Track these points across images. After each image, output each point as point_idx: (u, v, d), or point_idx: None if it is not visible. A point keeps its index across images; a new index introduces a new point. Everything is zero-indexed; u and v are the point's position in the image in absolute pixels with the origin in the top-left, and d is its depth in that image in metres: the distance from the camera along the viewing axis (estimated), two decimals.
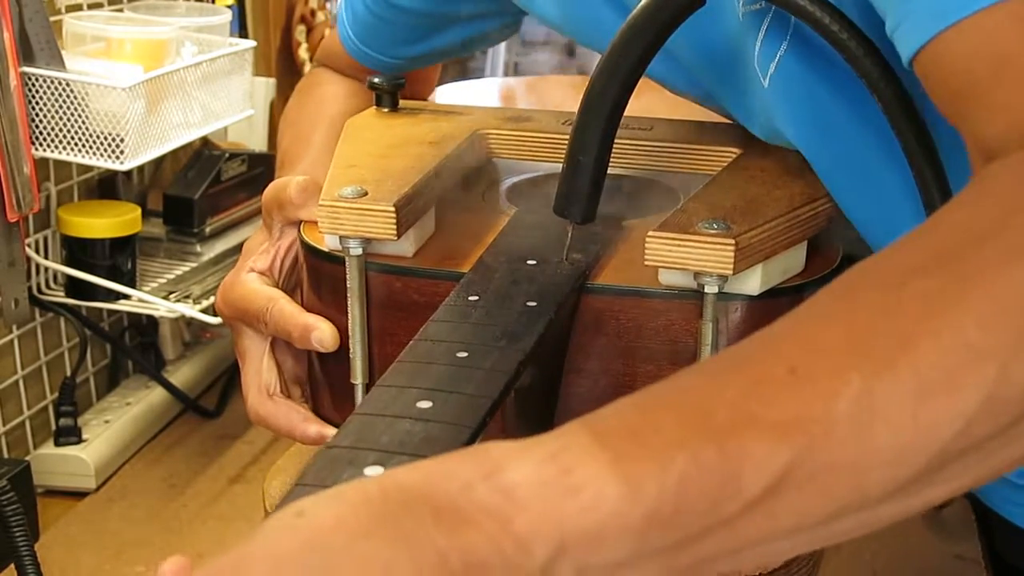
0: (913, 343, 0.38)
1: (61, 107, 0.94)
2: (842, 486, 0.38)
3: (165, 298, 1.05)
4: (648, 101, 0.75)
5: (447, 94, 1.18)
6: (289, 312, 0.69)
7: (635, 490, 0.36)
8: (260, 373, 0.73)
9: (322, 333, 0.68)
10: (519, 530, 0.35)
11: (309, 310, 0.71)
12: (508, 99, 1.35)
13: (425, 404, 0.49)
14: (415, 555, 0.34)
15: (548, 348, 0.61)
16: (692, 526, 0.37)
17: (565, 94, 1.15)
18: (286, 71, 1.45)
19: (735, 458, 0.37)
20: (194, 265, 1.12)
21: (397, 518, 0.35)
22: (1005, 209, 0.41)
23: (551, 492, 0.36)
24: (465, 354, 0.54)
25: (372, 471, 0.43)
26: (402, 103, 0.84)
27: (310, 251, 0.70)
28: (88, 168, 1.05)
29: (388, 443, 0.46)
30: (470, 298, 0.61)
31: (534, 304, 0.60)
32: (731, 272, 0.59)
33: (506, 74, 2.23)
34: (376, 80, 0.83)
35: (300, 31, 1.47)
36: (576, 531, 0.36)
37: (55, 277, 1.03)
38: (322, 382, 0.72)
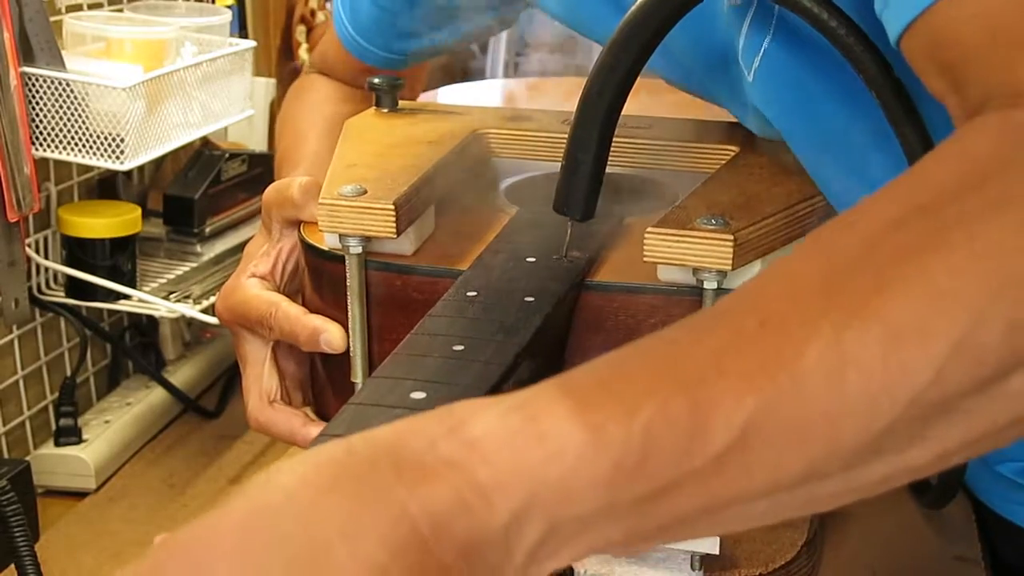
0: (884, 290, 0.37)
1: (61, 107, 0.94)
2: (815, 437, 0.37)
3: (165, 298, 1.05)
4: (640, 104, 0.75)
5: (449, 95, 1.19)
6: (294, 315, 0.70)
7: (600, 437, 0.36)
8: (260, 379, 0.73)
9: (331, 335, 0.68)
10: (483, 481, 0.35)
11: (310, 310, 0.71)
12: (509, 101, 1.35)
13: (419, 395, 0.49)
14: (377, 509, 0.34)
15: (547, 344, 0.61)
16: (661, 477, 0.36)
17: (566, 95, 1.15)
18: (286, 71, 1.45)
19: (703, 407, 0.37)
20: (194, 265, 1.12)
21: (360, 474, 0.35)
22: (983, 165, 0.41)
23: (515, 442, 0.36)
24: (461, 347, 0.55)
25: None
26: (401, 103, 0.84)
27: (310, 250, 0.70)
28: (88, 168, 1.05)
29: None
30: (468, 293, 0.61)
31: (532, 299, 0.60)
32: (730, 268, 0.59)
33: (506, 74, 2.23)
34: (375, 81, 0.83)
35: (300, 31, 1.47)
36: (542, 481, 0.36)
37: (55, 277, 1.03)
38: (325, 382, 0.72)
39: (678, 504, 0.37)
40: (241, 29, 1.33)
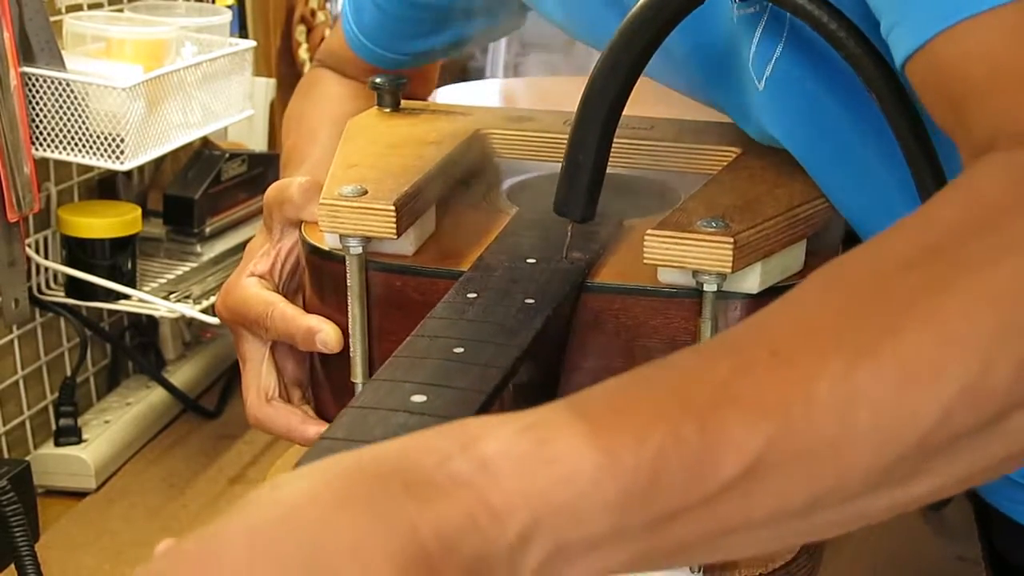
0: (897, 331, 0.38)
1: (61, 107, 0.94)
2: (822, 470, 0.38)
3: (165, 298, 1.05)
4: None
5: (448, 95, 1.18)
6: (290, 315, 0.70)
7: (611, 462, 0.36)
8: (259, 377, 0.73)
9: (326, 335, 0.68)
10: (493, 501, 0.35)
11: (310, 310, 0.71)
12: (509, 100, 1.35)
13: (419, 398, 0.49)
14: (386, 526, 0.34)
15: (547, 346, 0.61)
16: (670, 503, 0.37)
17: (566, 94, 1.15)
18: (286, 71, 1.45)
19: (713, 435, 0.37)
20: (194, 265, 1.12)
21: (370, 490, 0.35)
22: (992, 207, 0.42)
23: (527, 463, 0.36)
24: (461, 349, 0.55)
25: None
26: (403, 103, 0.84)
27: (311, 250, 0.70)
28: (88, 168, 1.05)
29: (381, 436, 0.46)
30: (468, 295, 0.61)
31: (532, 301, 0.60)
32: (730, 270, 0.59)
33: (506, 74, 2.23)
34: (378, 80, 0.83)
35: (300, 31, 1.47)
36: (552, 504, 0.36)
37: (55, 277, 1.03)
38: (324, 382, 0.72)
39: (685, 529, 0.38)
40: (241, 29, 1.33)
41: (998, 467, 0.40)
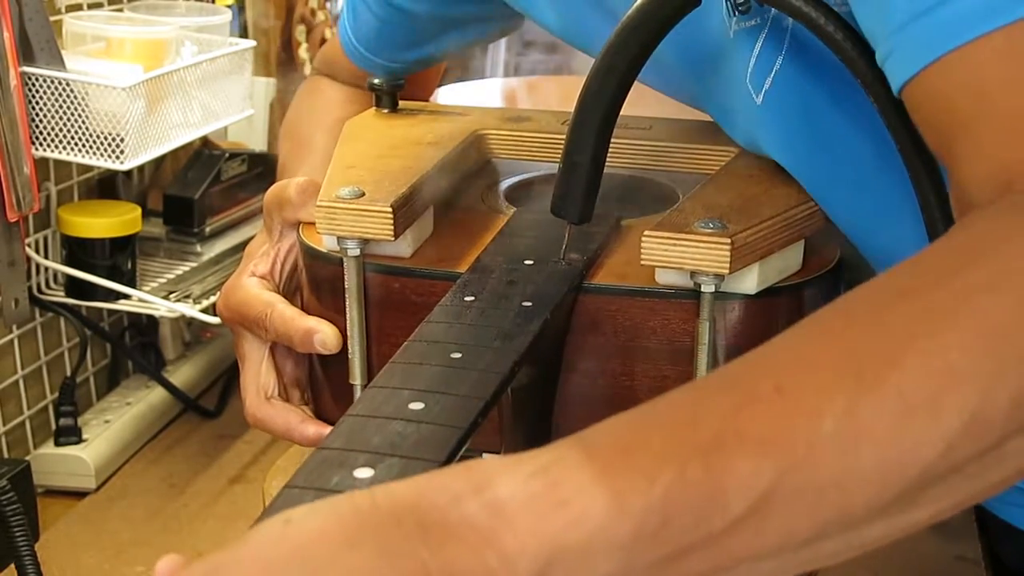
0: (898, 363, 0.39)
1: (61, 107, 0.95)
2: (827, 504, 0.38)
3: (165, 298, 1.05)
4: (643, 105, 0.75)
5: (448, 95, 1.19)
6: (289, 316, 0.70)
7: (622, 504, 0.36)
8: (259, 376, 0.73)
9: (324, 336, 0.68)
10: (506, 545, 0.35)
11: (308, 311, 0.71)
12: (509, 100, 1.35)
13: (417, 405, 0.49)
14: (398, 567, 0.34)
15: (545, 348, 0.61)
16: (678, 542, 0.37)
17: (566, 94, 1.15)
18: (286, 71, 1.45)
19: (720, 474, 0.37)
20: (194, 265, 1.12)
21: (383, 530, 0.35)
22: (987, 242, 0.43)
23: (539, 506, 0.36)
24: (459, 355, 0.54)
25: (362, 473, 0.43)
26: (401, 104, 0.84)
27: (308, 252, 0.70)
28: (88, 168, 1.05)
29: (379, 445, 0.46)
30: (466, 299, 0.61)
31: (530, 304, 0.60)
32: (727, 271, 0.59)
33: (506, 74, 2.23)
34: (376, 81, 0.83)
35: (300, 31, 1.47)
36: (563, 546, 0.36)
37: (55, 277, 1.03)
38: (323, 383, 0.72)
39: (692, 566, 0.38)
40: (241, 29, 1.33)
41: (995, 489, 0.41)
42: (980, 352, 0.39)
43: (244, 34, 1.34)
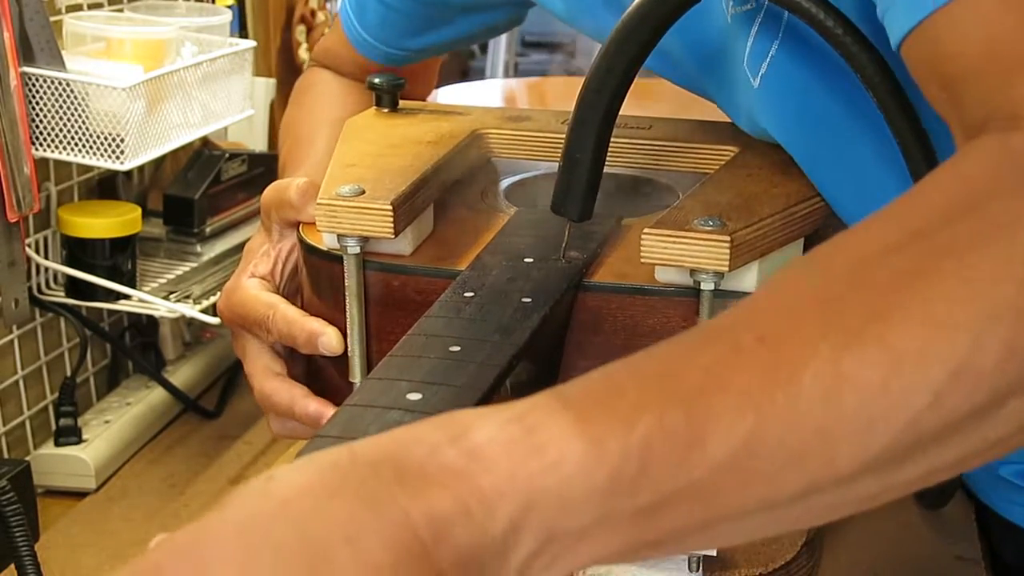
0: (883, 315, 0.38)
1: (61, 107, 0.95)
2: (811, 454, 0.38)
3: (165, 298, 1.05)
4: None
5: (449, 95, 1.19)
6: (292, 318, 0.70)
7: (598, 449, 0.36)
8: (264, 357, 0.73)
9: (328, 338, 0.68)
10: (484, 488, 0.35)
11: (308, 310, 0.71)
12: (509, 100, 1.35)
13: (415, 396, 0.49)
14: (379, 515, 0.35)
15: (544, 345, 0.61)
16: (658, 489, 0.37)
17: (566, 94, 1.15)
18: (286, 71, 1.45)
19: (700, 421, 0.37)
20: (194, 265, 1.12)
21: (363, 480, 0.35)
22: (975, 190, 0.42)
23: (515, 451, 0.36)
24: (457, 348, 0.55)
25: None
26: (402, 103, 0.84)
27: (309, 250, 0.70)
28: (88, 168, 1.05)
29: (376, 433, 0.46)
30: (465, 294, 0.61)
31: (529, 300, 0.60)
32: (727, 269, 0.59)
33: (506, 74, 2.24)
34: (376, 80, 0.83)
35: (300, 31, 1.47)
36: (540, 490, 0.36)
37: (55, 277, 1.03)
38: (323, 382, 0.72)
39: (675, 517, 0.38)
40: (241, 29, 1.33)
41: (991, 451, 0.41)
42: (967, 304, 0.38)
43: (244, 34, 1.34)
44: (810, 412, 0.37)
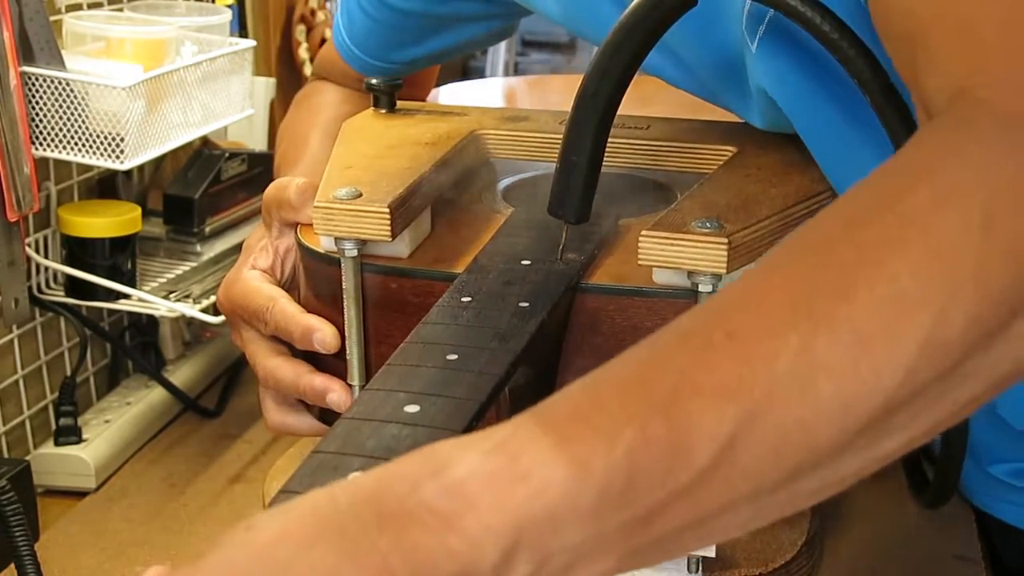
0: (849, 296, 0.38)
1: (61, 107, 0.95)
2: (793, 444, 0.38)
3: (165, 298, 1.05)
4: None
5: (448, 94, 1.18)
6: (290, 312, 0.70)
7: (582, 469, 0.36)
8: (264, 339, 0.73)
9: (324, 335, 0.68)
10: (468, 526, 0.35)
11: (306, 311, 0.71)
12: (509, 99, 1.35)
13: (413, 408, 0.49)
14: (358, 563, 0.34)
15: (542, 348, 0.61)
16: (647, 500, 0.37)
17: (565, 94, 1.15)
18: (286, 71, 1.45)
19: (682, 427, 0.37)
20: (194, 265, 1.12)
21: (342, 526, 0.35)
22: (932, 160, 0.42)
23: (499, 483, 0.36)
24: (455, 356, 0.54)
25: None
26: (399, 104, 0.84)
27: (306, 252, 0.70)
28: (88, 168, 1.05)
29: (374, 448, 0.46)
30: (463, 299, 0.61)
31: (527, 305, 0.60)
32: (725, 271, 0.59)
33: (506, 74, 2.23)
34: (373, 81, 0.83)
35: (300, 31, 1.47)
36: (528, 519, 0.36)
37: (55, 277, 1.03)
38: None
39: (667, 523, 0.38)
40: (241, 29, 1.33)
41: (963, 410, 0.41)
42: (930, 275, 0.38)
43: (244, 34, 1.33)
44: (787, 403, 0.38)
